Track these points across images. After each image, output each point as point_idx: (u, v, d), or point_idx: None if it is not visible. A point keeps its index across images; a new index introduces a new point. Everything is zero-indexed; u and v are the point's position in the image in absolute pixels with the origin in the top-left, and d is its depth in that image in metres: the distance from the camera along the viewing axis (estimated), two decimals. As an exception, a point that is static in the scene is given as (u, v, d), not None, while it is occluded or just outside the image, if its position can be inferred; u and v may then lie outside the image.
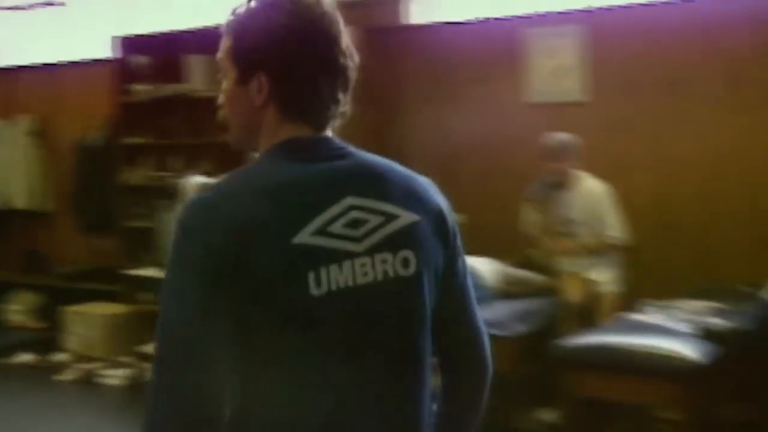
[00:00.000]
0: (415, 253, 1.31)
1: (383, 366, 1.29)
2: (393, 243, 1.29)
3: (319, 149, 1.31)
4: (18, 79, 6.95)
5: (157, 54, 5.73)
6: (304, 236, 1.22)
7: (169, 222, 4.70)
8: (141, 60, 5.76)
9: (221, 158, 5.03)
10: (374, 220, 1.28)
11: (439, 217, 1.36)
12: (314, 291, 1.22)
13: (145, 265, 5.52)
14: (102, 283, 6.07)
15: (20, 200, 6.70)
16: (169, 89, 5.62)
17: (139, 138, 5.77)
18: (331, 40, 1.29)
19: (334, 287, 1.24)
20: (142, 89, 5.71)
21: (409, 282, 1.31)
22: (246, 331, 1.21)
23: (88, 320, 5.69)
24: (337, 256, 1.25)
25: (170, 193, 4.89)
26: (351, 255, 1.26)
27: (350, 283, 1.25)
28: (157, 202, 5.44)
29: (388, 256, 1.29)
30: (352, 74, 1.32)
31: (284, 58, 1.27)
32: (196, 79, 5.47)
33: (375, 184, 1.31)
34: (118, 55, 5.81)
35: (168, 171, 5.59)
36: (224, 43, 1.33)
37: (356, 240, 1.27)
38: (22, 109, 6.82)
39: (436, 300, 1.36)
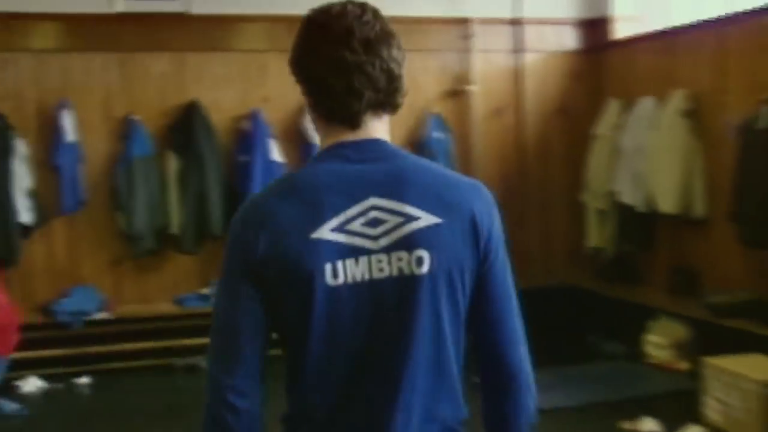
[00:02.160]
0: (431, 253, 1.49)
1: (386, 358, 1.50)
2: (409, 242, 1.49)
3: (355, 152, 1.52)
4: (675, 44, 6.04)
5: None
6: (323, 232, 1.47)
7: None
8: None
9: None
10: (393, 221, 1.50)
11: (469, 221, 1.53)
12: (330, 281, 1.47)
13: None
14: (763, 323, 4.66)
15: (667, 201, 5.77)
16: None
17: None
18: (338, 40, 1.48)
19: (350, 280, 1.48)
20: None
21: (422, 280, 1.50)
22: (276, 314, 1.50)
23: (732, 381, 4.36)
24: (354, 252, 1.48)
25: None
26: (368, 251, 1.48)
27: (366, 277, 1.48)
28: None
29: (404, 255, 1.49)
30: (378, 68, 1.50)
31: (302, 68, 1.54)
32: None
33: (400, 186, 1.51)
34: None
35: None
36: None
37: (373, 238, 1.49)
38: (677, 83, 5.90)
39: (466, 302, 1.55)
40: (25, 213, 5.92)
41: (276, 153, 6.39)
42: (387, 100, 1.54)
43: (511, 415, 1.61)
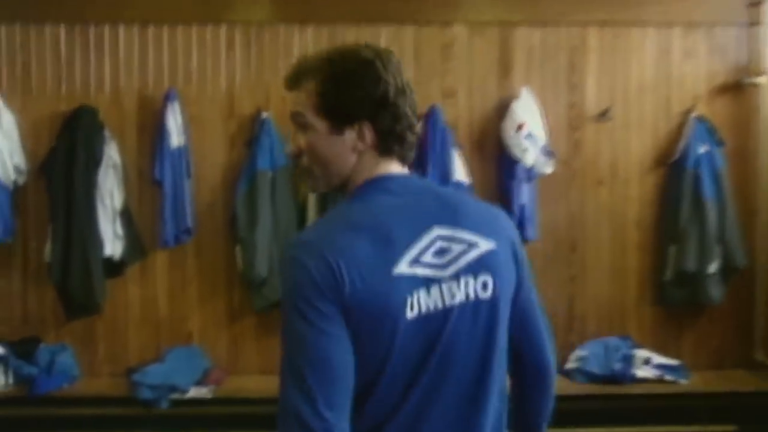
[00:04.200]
0: (494, 277, 1.65)
1: (462, 380, 1.64)
2: (474, 268, 1.64)
3: (403, 186, 1.67)
4: None
5: None
6: (402, 267, 1.57)
7: None
8: None
9: None
10: (457, 248, 1.63)
11: (510, 244, 1.71)
12: (409, 315, 1.57)
13: None
14: None
15: None
16: None
17: None
18: (409, 85, 1.68)
19: (424, 310, 1.59)
20: None
21: (488, 303, 1.65)
22: (355, 347, 1.54)
23: None
24: (427, 282, 1.60)
25: None
26: (439, 280, 1.61)
27: (439, 306, 1.61)
28: None
29: (470, 280, 1.63)
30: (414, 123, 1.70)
31: (391, 108, 1.63)
32: None
33: (455, 214, 1.66)
34: None
35: None
36: (303, 99, 1.67)
37: (442, 267, 1.62)
38: None
39: (510, 318, 1.72)
40: (113, 243, 4.66)
41: (460, 169, 4.73)
42: (413, 134, 1.70)
43: (541, 409, 1.87)
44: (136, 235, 4.74)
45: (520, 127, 4.68)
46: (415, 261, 1.58)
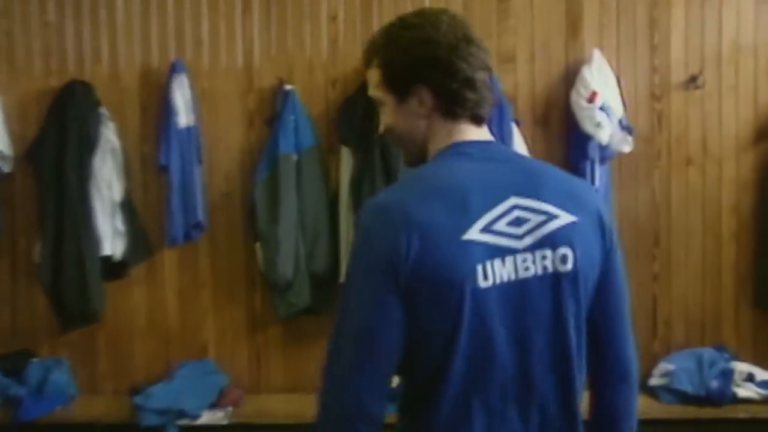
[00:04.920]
0: (573, 250, 1.60)
1: (540, 354, 1.60)
2: (552, 240, 1.59)
3: (483, 151, 1.65)
4: None
5: None
6: (473, 233, 1.55)
7: None
8: None
9: None
10: (535, 219, 1.60)
11: (597, 218, 1.65)
12: (482, 283, 1.55)
13: None
14: None
15: None
16: None
17: None
18: (469, 40, 1.64)
19: (498, 280, 1.56)
20: None
21: (567, 277, 1.60)
22: (417, 320, 1.55)
23: None
24: (501, 252, 1.57)
25: None
26: (513, 251, 1.58)
27: (513, 277, 1.57)
28: None
29: (548, 253, 1.59)
30: (489, 66, 1.67)
31: (443, 67, 1.62)
32: None
33: (536, 185, 1.61)
34: None
35: None
36: (372, 77, 1.73)
37: (518, 237, 1.58)
38: None
39: (591, 299, 1.66)
40: (113, 240, 4.07)
41: (520, 148, 4.06)
42: (490, 108, 1.70)
43: (623, 410, 1.75)
44: (140, 231, 4.15)
45: (592, 97, 3.99)
46: (488, 229, 1.57)
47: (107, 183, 4.06)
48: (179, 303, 4.27)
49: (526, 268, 1.58)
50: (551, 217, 1.59)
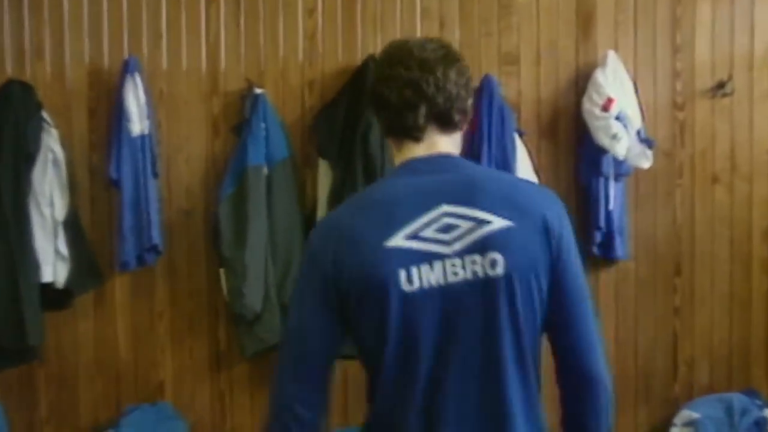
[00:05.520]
0: (504, 255, 1.68)
1: (469, 360, 1.70)
2: (482, 246, 1.69)
3: (427, 165, 1.78)
4: None
5: None
6: (397, 240, 1.69)
7: None
8: None
9: None
10: (465, 225, 1.70)
11: (541, 224, 1.72)
12: (406, 287, 1.68)
13: None
14: None
15: None
16: None
17: None
18: (397, 61, 1.78)
19: (426, 284, 1.68)
20: None
21: (498, 281, 1.68)
22: (353, 324, 1.74)
23: None
24: (428, 257, 1.69)
25: None
26: (442, 256, 1.69)
27: (441, 281, 1.69)
28: None
29: (477, 258, 1.69)
30: (433, 85, 1.76)
31: (377, 96, 1.81)
32: None
33: (470, 193, 1.72)
34: None
35: None
36: None
37: (447, 243, 1.69)
38: None
39: (543, 305, 1.73)
40: (55, 265, 3.59)
41: (523, 162, 3.61)
42: (447, 115, 1.78)
43: (588, 424, 1.78)
44: (86, 254, 3.66)
45: (607, 105, 3.56)
46: (414, 236, 1.69)
47: (48, 199, 3.58)
48: (132, 337, 3.79)
49: (455, 273, 1.69)
50: (482, 222, 1.69)
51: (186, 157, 3.76)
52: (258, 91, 3.67)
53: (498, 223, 1.69)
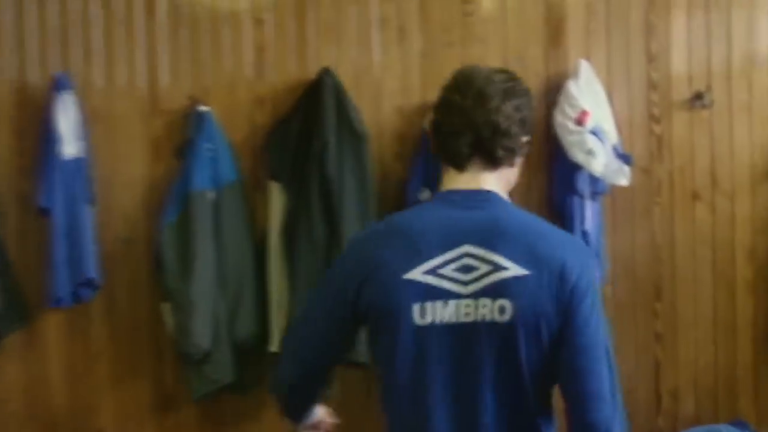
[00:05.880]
0: (513, 302, 1.76)
1: (463, 399, 1.81)
2: (494, 291, 1.77)
3: (463, 199, 1.85)
4: None
5: None
6: (416, 274, 1.79)
7: None
8: None
9: None
10: (483, 268, 1.78)
11: (558, 274, 1.77)
12: (419, 321, 1.79)
13: None
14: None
15: None
16: None
17: None
18: (456, 89, 1.87)
19: (438, 320, 1.79)
20: None
21: (503, 327, 1.76)
22: (370, 342, 1.91)
23: None
24: (443, 294, 1.79)
25: None
26: (457, 295, 1.78)
27: (453, 320, 1.78)
28: None
29: (488, 302, 1.77)
30: (482, 116, 1.82)
31: (435, 119, 1.91)
32: None
33: (495, 236, 1.78)
34: None
35: None
36: None
37: (463, 283, 1.78)
38: None
39: (553, 352, 1.78)
40: (-22, 303, 3.28)
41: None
42: (491, 149, 1.83)
43: None
44: (14, 290, 3.34)
45: (581, 118, 3.36)
46: (433, 271, 1.78)
47: (-30, 230, 3.28)
48: (67, 380, 3.47)
49: (467, 314, 1.77)
50: (498, 268, 1.76)
51: (124, 181, 3.46)
52: (202, 108, 3.40)
53: (514, 270, 1.76)
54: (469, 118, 1.81)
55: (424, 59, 3.53)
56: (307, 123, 3.39)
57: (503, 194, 1.89)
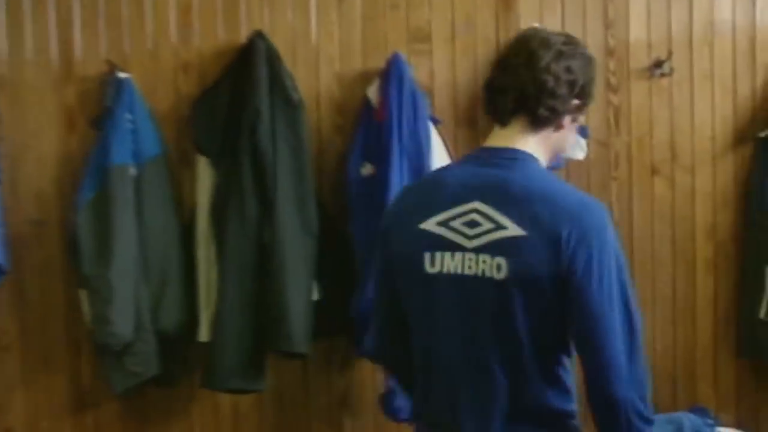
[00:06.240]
0: (509, 261, 1.82)
1: (465, 350, 1.89)
2: (493, 248, 1.83)
3: (490, 156, 1.92)
4: None
5: None
6: (429, 224, 1.89)
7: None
8: None
9: None
10: (486, 225, 1.85)
11: (552, 241, 1.79)
12: (429, 269, 1.89)
13: None
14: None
15: None
16: None
17: None
18: (512, 48, 1.94)
19: (445, 270, 1.88)
20: None
21: (498, 284, 1.83)
22: (396, 288, 2.01)
23: None
24: (451, 246, 1.87)
25: None
26: (463, 248, 1.86)
27: (458, 271, 1.87)
28: None
29: (488, 258, 1.84)
30: (530, 75, 1.86)
31: (489, 77, 1.97)
32: None
33: (503, 196, 1.85)
34: None
35: None
36: None
37: (468, 237, 1.86)
38: None
39: (555, 317, 1.82)
40: None
41: (440, 156, 3.18)
42: (533, 106, 1.87)
43: None
44: None
45: (534, 87, 3.13)
46: (445, 223, 1.88)
47: None
48: (-26, 376, 3.19)
49: (469, 267, 1.85)
50: (499, 227, 1.82)
51: (35, 156, 3.17)
52: (122, 75, 3.11)
53: (512, 230, 1.81)
54: (517, 74, 1.86)
55: (366, 23, 3.29)
56: (238, 91, 3.13)
57: (542, 157, 1.91)
